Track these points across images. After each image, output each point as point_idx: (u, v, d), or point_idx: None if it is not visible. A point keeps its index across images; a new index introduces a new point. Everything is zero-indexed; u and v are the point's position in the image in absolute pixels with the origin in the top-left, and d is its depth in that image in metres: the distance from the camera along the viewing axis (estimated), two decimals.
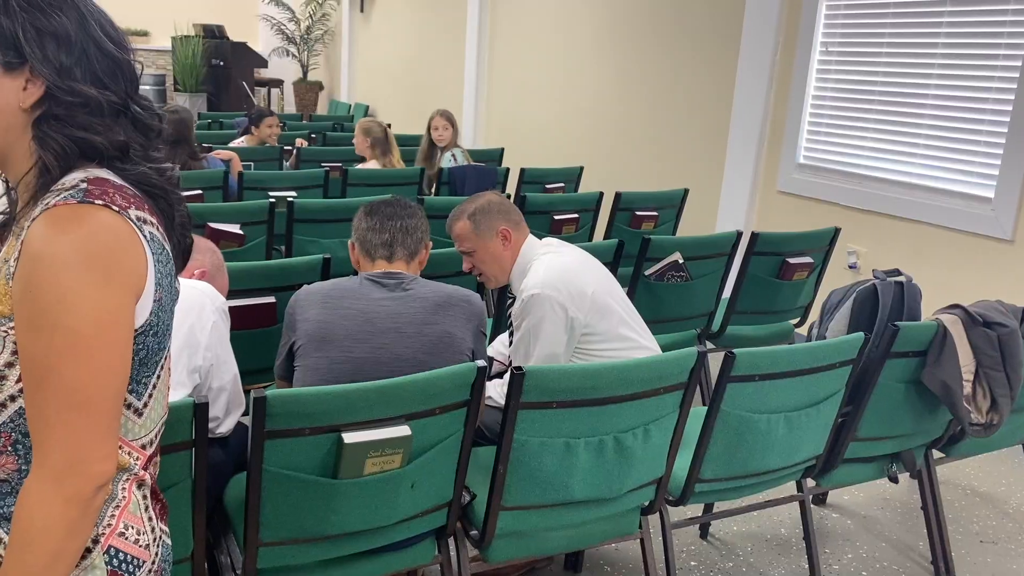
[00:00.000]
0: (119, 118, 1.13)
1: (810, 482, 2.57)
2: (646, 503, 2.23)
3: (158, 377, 1.16)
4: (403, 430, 1.76)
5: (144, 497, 1.16)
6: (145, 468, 1.17)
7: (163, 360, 1.16)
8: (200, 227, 3.50)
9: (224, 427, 2.09)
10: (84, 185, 1.06)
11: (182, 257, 1.23)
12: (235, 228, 3.59)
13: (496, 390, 2.45)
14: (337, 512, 1.77)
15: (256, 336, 2.61)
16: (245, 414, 2.14)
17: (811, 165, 4.88)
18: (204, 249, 2.25)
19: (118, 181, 1.11)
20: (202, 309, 1.98)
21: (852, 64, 4.65)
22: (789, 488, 2.60)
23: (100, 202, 1.05)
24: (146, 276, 1.08)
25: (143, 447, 1.16)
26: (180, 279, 2.07)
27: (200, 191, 4.29)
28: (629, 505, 2.17)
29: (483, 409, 2.13)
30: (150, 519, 1.16)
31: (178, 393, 1.90)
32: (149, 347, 1.11)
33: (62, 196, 1.05)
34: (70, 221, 1.02)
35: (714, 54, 5.48)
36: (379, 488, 1.79)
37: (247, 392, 2.17)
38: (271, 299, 2.64)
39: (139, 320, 1.08)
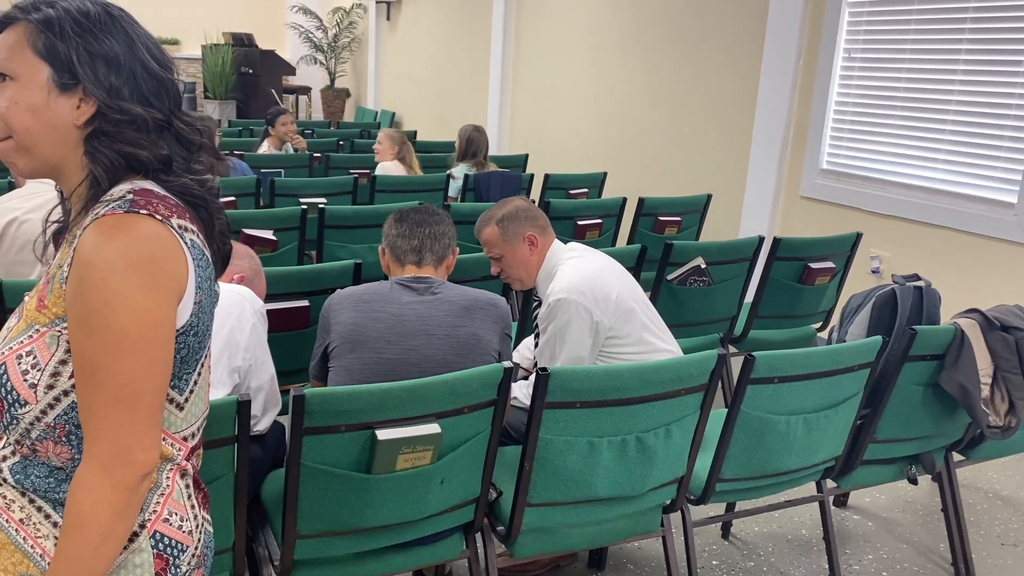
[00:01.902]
0: (163, 133, 1.20)
1: (830, 483, 2.60)
2: (668, 501, 2.27)
3: (199, 374, 1.22)
4: (433, 428, 1.83)
5: (187, 486, 1.23)
6: (188, 459, 1.24)
7: (203, 359, 1.23)
8: (234, 232, 3.60)
9: (261, 425, 2.18)
10: (130, 196, 1.14)
11: (222, 262, 1.30)
12: (268, 234, 3.68)
13: (521, 391, 2.51)
14: (371, 506, 1.84)
15: (290, 338, 2.69)
16: (281, 413, 2.22)
17: (834, 170, 4.89)
18: (243, 255, 2.34)
19: (161, 192, 1.19)
20: (242, 312, 2.07)
21: (875, 69, 4.66)
22: (809, 489, 2.63)
23: (145, 212, 1.12)
24: (187, 280, 1.15)
25: (185, 439, 1.23)
26: (220, 283, 2.17)
27: (233, 198, 4.40)
28: (651, 503, 2.22)
29: (509, 409, 2.19)
30: (193, 507, 1.23)
31: (218, 392, 1.98)
32: (190, 346, 1.17)
33: (110, 207, 1.12)
34: (117, 229, 1.10)
35: (737, 59, 5.51)
36: (410, 483, 1.86)
37: (283, 392, 2.26)
38: (305, 303, 2.72)
39: (180, 321, 1.15)
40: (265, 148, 6.09)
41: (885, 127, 4.61)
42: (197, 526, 1.23)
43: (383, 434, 1.78)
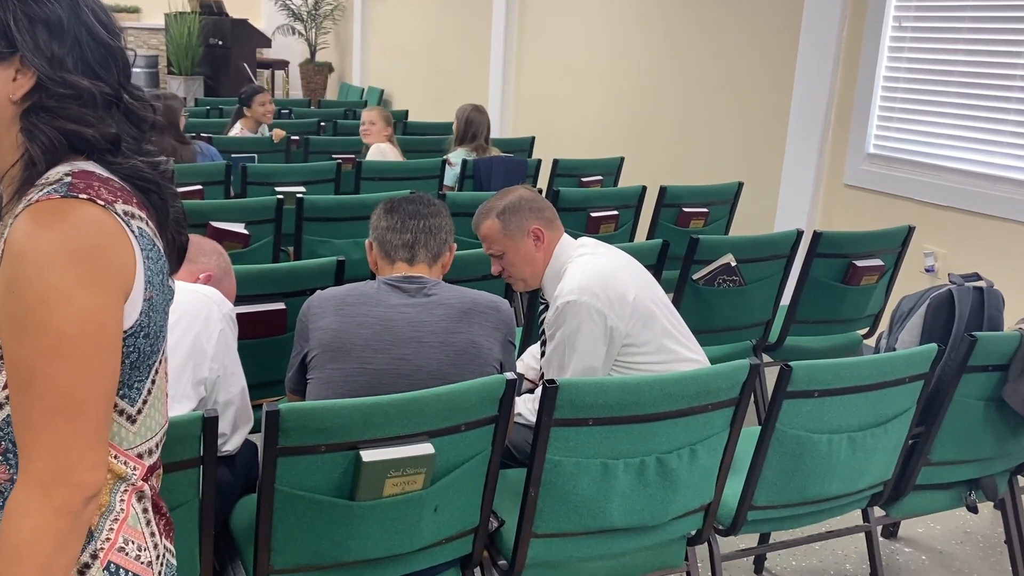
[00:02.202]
0: (111, 110, 1.20)
1: (878, 511, 2.60)
2: (693, 532, 2.27)
3: (153, 382, 1.22)
4: (426, 448, 1.83)
5: (145, 511, 1.22)
6: (145, 479, 1.23)
7: (157, 364, 1.22)
8: (201, 226, 3.61)
9: (231, 444, 2.18)
10: (68, 179, 1.13)
11: (177, 255, 1.30)
12: (239, 228, 3.69)
13: (526, 406, 2.51)
14: (354, 537, 1.84)
15: (264, 346, 2.70)
16: (254, 431, 2.22)
17: (882, 155, 4.88)
18: (210, 251, 2.34)
19: (104, 174, 1.17)
20: (209, 316, 2.07)
21: (929, 41, 4.65)
22: (854, 518, 2.62)
23: (85, 196, 1.11)
24: (134, 274, 1.14)
25: (140, 456, 1.22)
26: (184, 284, 2.17)
27: (200, 186, 4.41)
28: (674, 534, 2.22)
29: (512, 427, 2.19)
30: (153, 535, 1.22)
31: (183, 407, 1.99)
32: (141, 349, 1.17)
33: (45, 191, 1.11)
34: (53, 216, 1.09)
35: (772, 29, 5.50)
36: (400, 511, 1.86)
37: (255, 407, 2.26)
38: (281, 306, 2.73)
39: (128, 321, 1.14)
40: (238, 131, 6.11)
41: (941, 105, 4.60)
42: (158, 556, 1.22)
43: (369, 455, 1.78)
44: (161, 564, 1.22)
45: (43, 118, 1.15)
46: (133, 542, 1.18)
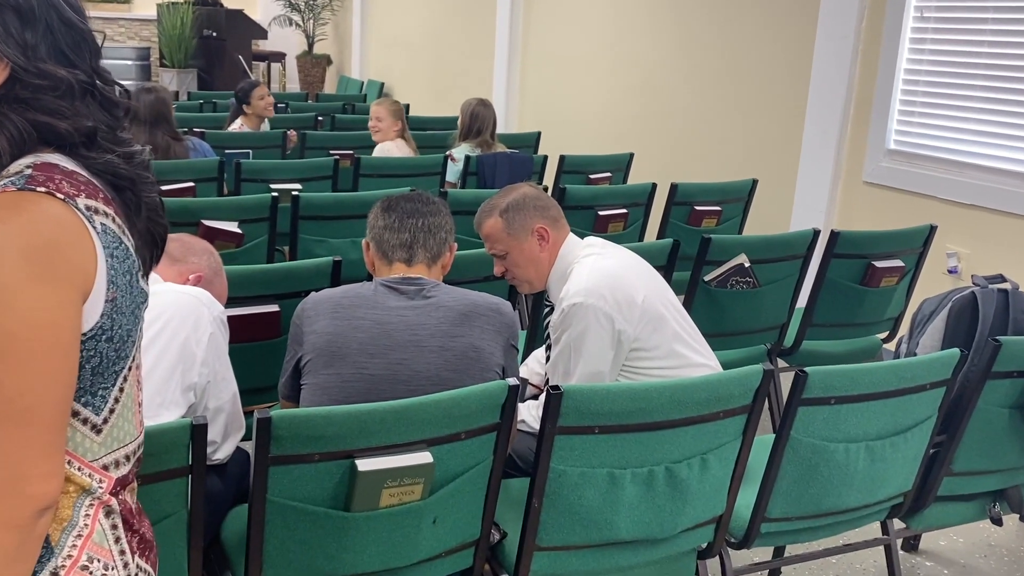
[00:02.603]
0: (85, 98, 1.17)
1: (898, 523, 2.59)
2: (703, 545, 2.26)
3: (121, 390, 1.19)
4: (424, 457, 1.82)
5: (114, 527, 1.19)
6: (115, 493, 1.20)
7: (126, 371, 1.20)
8: (192, 225, 3.61)
9: (221, 453, 2.18)
10: (28, 171, 1.10)
11: (157, 245, 1.27)
12: (232, 226, 3.69)
13: (530, 413, 2.51)
14: (349, 550, 1.83)
15: (257, 350, 2.70)
16: (245, 438, 2.22)
17: (903, 151, 4.87)
18: (200, 251, 2.34)
19: (69, 167, 1.15)
20: (198, 319, 2.07)
21: (952, 32, 4.63)
22: (873, 530, 2.61)
23: (43, 189, 1.09)
24: (95, 273, 1.11)
25: (106, 468, 1.19)
26: (173, 285, 2.17)
27: (192, 183, 4.41)
28: (683, 547, 2.21)
29: (515, 435, 2.18)
30: (122, 552, 1.19)
31: (171, 413, 1.98)
32: (103, 354, 1.14)
33: (2, 183, 1.09)
34: (7, 210, 1.06)
35: (788, 20, 5.49)
36: (397, 523, 1.85)
37: (247, 414, 2.26)
38: (274, 307, 2.72)
39: (88, 323, 1.12)
40: (238, 127, 6.09)
41: (964, 99, 4.58)
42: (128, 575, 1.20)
43: (364, 464, 1.77)
44: None
45: (15, 108, 1.13)
46: (99, 560, 1.16)
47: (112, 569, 1.17)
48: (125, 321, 1.17)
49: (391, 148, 5.43)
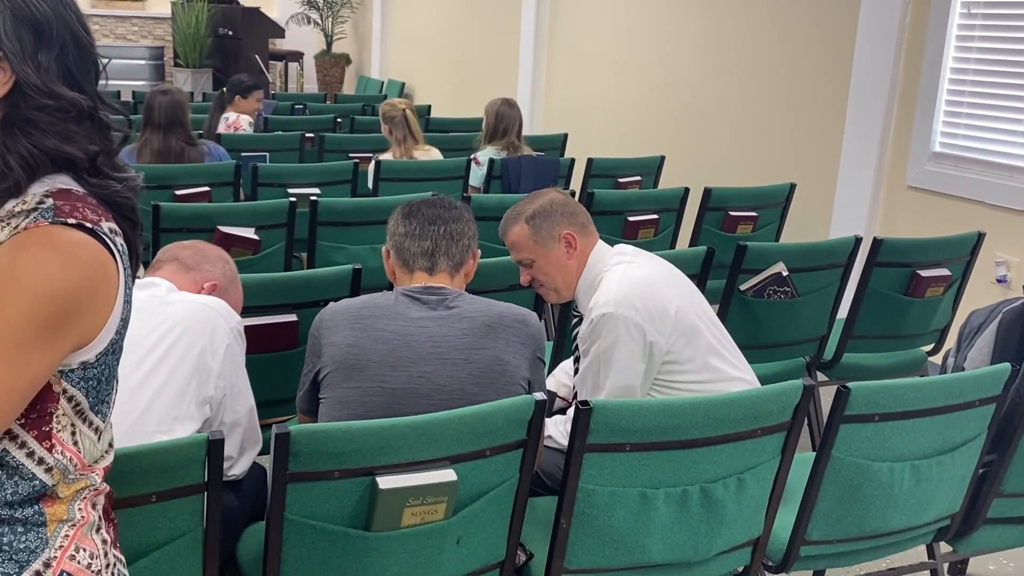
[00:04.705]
0: (86, 122, 1.22)
1: (944, 546, 2.56)
2: (740, 569, 2.25)
3: (116, 391, 1.29)
4: (447, 475, 1.82)
5: (99, 518, 1.28)
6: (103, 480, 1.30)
7: (118, 372, 1.29)
8: (208, 231, 3.64)
9: (238, 468, 2.19)
10: (50, 201, 1.16)
11: (135, 256, 1.34)
12: (249, 232, 3.71)
13: (558, 429, 2.50)
14: (370, 570, 1.83)
15: (274, 361, 2.71)
16: (262, 453, 2.23)
17: (949, 154, 4.83)
18: (215, 259, 2.35)
19: (80, 191, 1.20)
20: (214, 330, 2.08)
21: (1001, 29, 4.59)
22: (918, 554, 2.60)
23: (73, 220, 1.15)
24: (115, 301, 1.20)
25: (96, 462, 1.28)
26: (187, 295, 2.20)
27: (207, 187, 4.44)
28: (719, 571, 2.20)
29: (542, 451, 2.18)
30: (104, 542, 1.27)
31: (186, 428, 2.00)
32: (111, 365, 1.23)
33: (31, 218, 1.14)
34: (42, 247, 1.13)
35: (828, 16, 5.47)
36: (419, 543, 1.85)
37: (264, 427, 2.27)
38: (292, 317, 2.73)
39: (103, 343, 1.21)
40: (234, 120, 6.13)
41: (1013, 100, 4.54)
42: (107, 565, 1.26)
43: (386, 482, 1.77)
44: (111, 574, 1.27)
45: (23, 129, 1.17)
46: (85, 549, 1.24)
47: (96, 558, 1.25)
48: (125, 331, 1.25)
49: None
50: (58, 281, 1.12)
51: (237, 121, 6.12)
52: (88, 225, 1.15)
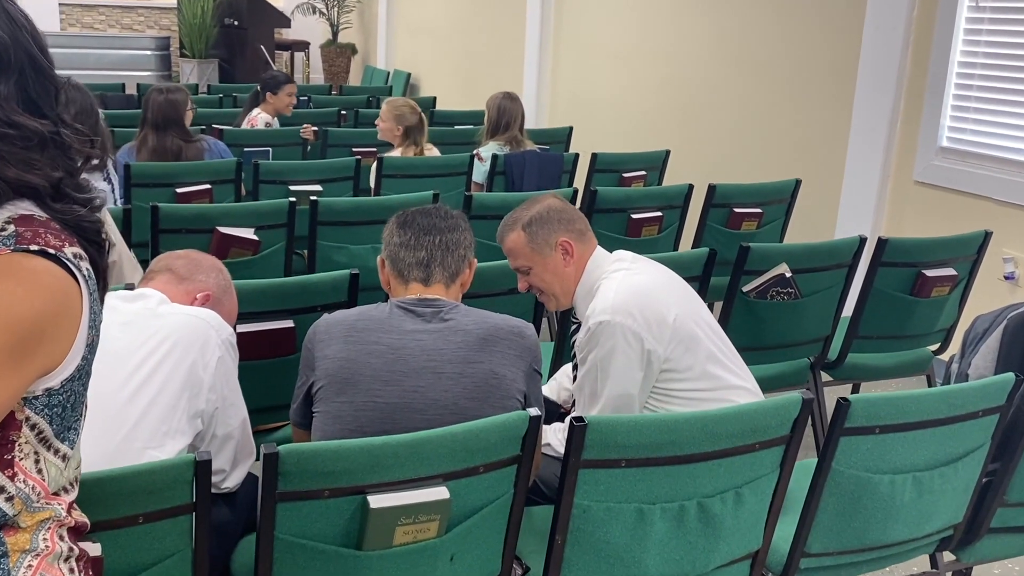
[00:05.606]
0: (51, 148, 1.20)
1: (948, 556, 2.54)
2: None
3: (83, 417, 1.26)
4: (440, 492, 1.80)
5: (69, 549, 1.26)
6: (68, 513, 1.27)
7: (86, 399, 1.27)
8: (207, 232, 3.62)
9: (231, 481, 2.17)
10: (12, 227, 1.14)
11: (105, 281, 1.32)
12: (249, 233, 3.69)
13: (556, 436, 2.48)
14: None
15: (270, 367, 2.69)
16: (257, 460, 2.21)
17: (957, 149, 4.79)
18: (208, 268, 2.33)
19: (42, 215, 1.18)
20: (206, 343, 2.06)
21: (1010, 22, 4.55)
22: (922, 564, 2.58)
23: (35, 247, 1.13)
24: (78, 328, 1.17)
25: (66, 491, 1.26)
26: (179, 307, 2.17)
27: (208, 186, 4.42)
28: None
29: (539, 460, 2.15)
30: (72, 571, 1.25)
31: (177, 443, 1.98)
32: (77, 392, 1.21)
33: None
34: (3, 275, 1.10)
35: (834, 11, 5.43)
36: (412, 561, 1.83)
37: (261, 432, 2.25)
38: (289, 323, 2.72)
39: (68, 369, 1.18)
40: (256, 117, 6.06)
41: (1023, 94, 4.49)
42: None
43: (377, 501, 1.76)
44: None
45: None
46: None
47: None
48: (92, 357, 1.23)
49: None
50: (20, 309, 1.10)
51: (254, 119, 6.07)
52: (51, 251, 1.14)
